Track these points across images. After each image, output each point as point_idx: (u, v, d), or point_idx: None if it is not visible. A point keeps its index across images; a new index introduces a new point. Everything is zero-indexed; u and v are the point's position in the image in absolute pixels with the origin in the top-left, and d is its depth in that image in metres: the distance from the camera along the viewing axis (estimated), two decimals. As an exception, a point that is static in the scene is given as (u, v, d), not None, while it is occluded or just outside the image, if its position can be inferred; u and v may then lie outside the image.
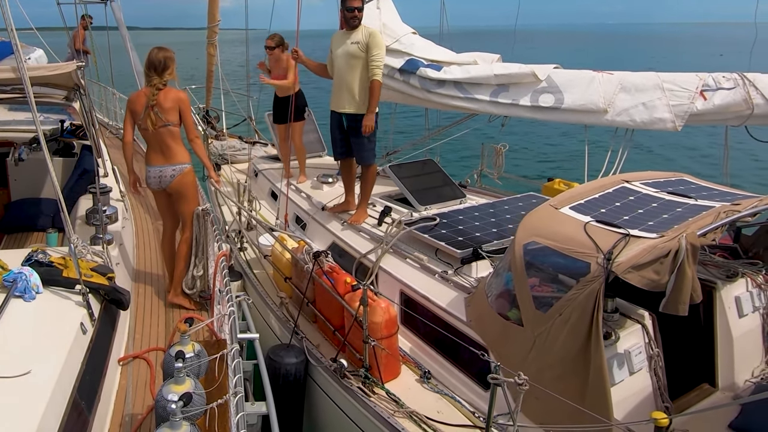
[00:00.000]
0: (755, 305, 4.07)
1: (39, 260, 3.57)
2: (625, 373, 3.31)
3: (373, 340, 3.53)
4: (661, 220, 3.37)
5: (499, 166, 6.80)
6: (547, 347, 3.15)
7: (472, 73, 5.57)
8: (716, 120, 5.09)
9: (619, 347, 3.31)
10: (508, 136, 6.85)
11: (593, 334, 2.97)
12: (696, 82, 5.01)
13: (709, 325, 3.95)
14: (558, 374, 3.07)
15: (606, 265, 2.98)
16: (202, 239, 4.51)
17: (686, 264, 2.97)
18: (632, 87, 5.15)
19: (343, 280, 3.98)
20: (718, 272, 4.11)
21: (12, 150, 5.84)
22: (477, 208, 5.18)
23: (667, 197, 3.76)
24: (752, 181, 11.94)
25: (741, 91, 4.96)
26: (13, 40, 3.24)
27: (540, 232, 3.40)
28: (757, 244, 4.36)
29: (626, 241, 3.09)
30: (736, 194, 3.90)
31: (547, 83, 5.35)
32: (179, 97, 4.39)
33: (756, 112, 4.93)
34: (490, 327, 3.55)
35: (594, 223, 3.35)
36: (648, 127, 5.07)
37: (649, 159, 14.81)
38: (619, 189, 3.89)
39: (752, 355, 4.06)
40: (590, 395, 2.95)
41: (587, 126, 5.35)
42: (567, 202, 3.66)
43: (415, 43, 6.02)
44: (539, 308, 3.24)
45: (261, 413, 3.00)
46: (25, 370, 2.67)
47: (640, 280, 2.98)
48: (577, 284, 3.05)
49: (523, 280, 3.32)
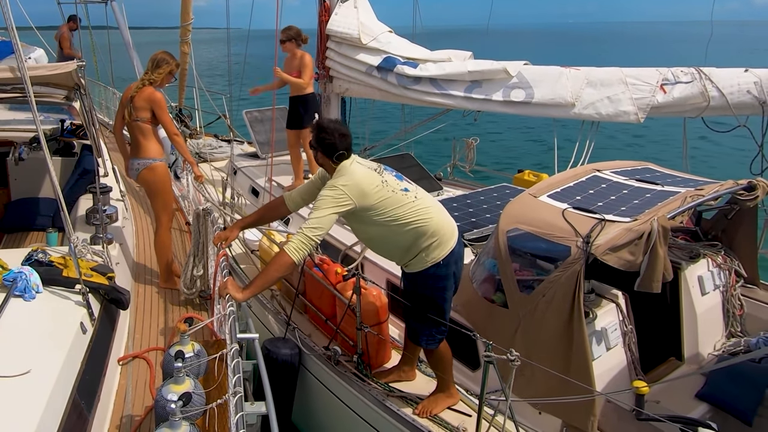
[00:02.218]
0: (716, 283, 4.27)
1: (39, 260, 3.49)
2: (602, 349, 3.45)
3: (367, 327, 3.61)
4: (633, 205, 3.52)
5: (471, 159, 6.94)
6: (533, 327, 3.26)
7: (447, 70, 5.66)
8: (675, 112, 5.29)
9: (596, 325, 3.44)
10: (481, 129, 6.99)
11: (575, 313, 3.09)
12: (656, 76, 5.20)
13: (675, 303, 4.12)
14: (543, 352, 3.17)
15: (585, 248, 3.10)
16: (202, 239, 4.42)
17: (658, 245, 3.12)
18: (598, 82, 5.30)
19: (334, 271, 4.02)
20: (681, 254, 4.30)
21: (12, 149, 5.72)
22: (454, 200, 5.29)
23: (636, 184, 3.92)
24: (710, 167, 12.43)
25: (698, 85, 5.16)
26: (14, 39, 3.17)
27: (521, 219, 3.51)
28: (716, 227, 4.56)
29: (602, 226, 3.22)
30: (697, 180, 4.09)
31: (518, 79, 5.48)
32: (152, 97, 4.43)
33: (712, 104, 5.13)
34: (476, 311, 3.64)
35: (571, 209, 3.48)
36: (613, 120, 5.24)
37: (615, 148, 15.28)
38: (592, 177, 4.03)
39: (714, 330, 4.27)
40: (574, 369, 3.06)
41: (556, 119, 5.53)
42: (545, 191, 3.79)
43: (391, 41, 6.07)
44: (523, 291, 3.35)
45: (260, 413, 2.92)
46: (25, 370, 2.62)
47: (617, 261, 3.12)
48: (559, 267, 3.17)
49: (507, 264, 3.42)
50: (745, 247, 4.43)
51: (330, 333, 3.98)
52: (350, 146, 3.14)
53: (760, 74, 5.10)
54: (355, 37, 5.99)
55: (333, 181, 3.05)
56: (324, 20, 6.27)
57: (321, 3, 6.33)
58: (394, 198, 3.04)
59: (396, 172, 3.25)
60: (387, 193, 3.03)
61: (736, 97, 5.07)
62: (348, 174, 3.05)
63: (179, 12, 7.83)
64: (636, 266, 3.14)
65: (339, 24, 6.09)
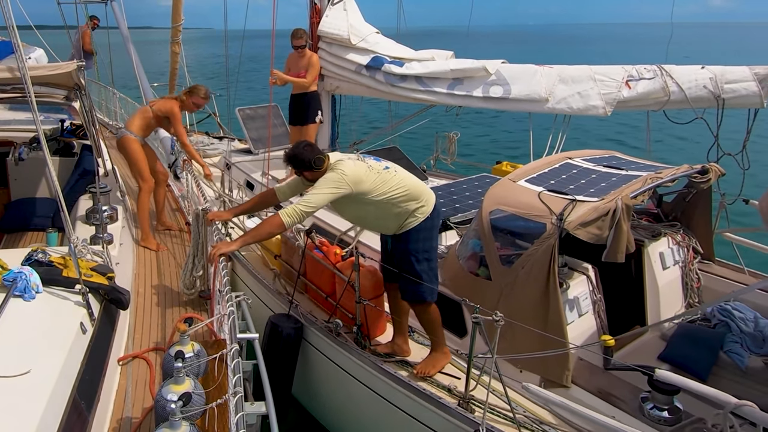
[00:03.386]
0: (675, 259, 4.70)
1: (39, 260, 3.45)
2: (575, 315, 3.84)
3: (365, 300, 3.95)
4: (600, 187, 3.91)
5: (452, 152, 7.32)
6: (513, 296, 3.63)
7: (431, 69, 6.01)
8: (640, 106, 5.71)
9: (569, 294, 3.81)
10: (461, 124, 7.35)
11: (551, 282, 3.46)
12: (622, 73, 5.61)
13: (639, 277, 4.54)
14: (523, 317, 3.54)
15: (559, 225, 3.48)
16: (202, 239, 4.42)
17: (622, 220, 3.51)
18: (569, 78, 5.70)
19: (333, 252, 4.37)
20: (645, 233, 4.71)
21: (12, 149, 5.72)
22: (439, 188, 5.64)
23: (603, 170, 4.32)
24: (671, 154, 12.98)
25: (659, 81, 5.58)
26: (14, 39, 3.15)
27: (502, 201, 3.88)
28: (676, 209, 4.99)
29: (573, 205, 3.61)
30: (657, 166, 4.50)
31: (497, 76, 5.85)
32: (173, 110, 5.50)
33: (672, 99, 5.56)
34: (463, 284, 4.00)
35: (546, 192, 3.86)
36: (583, 113, 5.64)
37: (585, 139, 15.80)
38: (564, 164, 4.42)
39: (674, 300, 4.69)
40: (550, 330, 3.44)
41: (531, 113, 5.92)
42: (522, 176, 4.17)
43: (379, 41, 6.40)
44: (505, 264, 3.72)
45: (260, 413, 2.88)
46: (25, 370, 2.59)
47: (586, 235, 3.50)
48: (536, 242, 3.55)
49: (490, 241, 3.79)
50: (701, 226, 4.86)
51: (330, 309, 4.30)
52: (320, 150, 3.55)
53: (715, 71, 5.54)
54: (345, 38, 6.31)
55: (332, 170, 3.38)
56: (315, 22, 6.58)
57: (312, 6, 6.63)
58: (381, 177, 3.42)
59: (373, 156, 3.62)
60: (375, 175, 3.41)
61: (693, 91, 5.51)
62: (342, 166, 3.38)
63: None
64: (603, 239, 3.52)
65: (330, 26, 6.40)
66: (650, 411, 3.16)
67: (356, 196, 3.38)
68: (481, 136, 17.33)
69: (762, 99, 5.45)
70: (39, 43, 9.48)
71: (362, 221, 3.82)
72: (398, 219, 3.49)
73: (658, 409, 3.16)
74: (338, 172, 3.34)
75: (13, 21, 3.10)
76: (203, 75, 26.06)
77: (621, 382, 3.43)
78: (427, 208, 3.49)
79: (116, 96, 10.93)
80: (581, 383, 3.45)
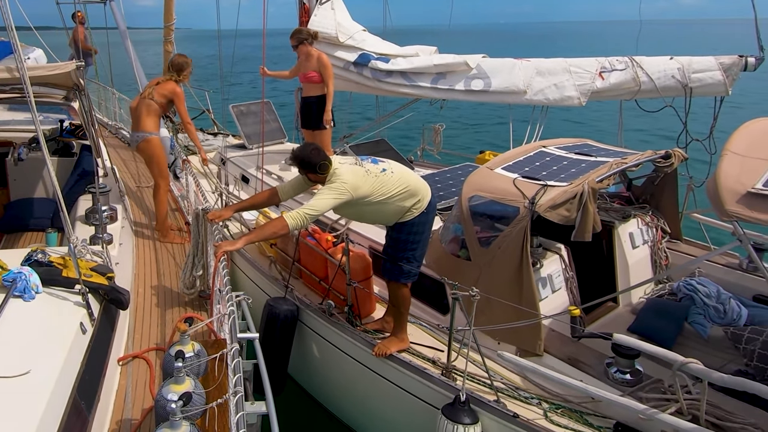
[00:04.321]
0: (644, 239, 4.99)
1: (38, 260, 3.43)
2: (548, 291, 4.13)
3: (355, 283, 4.23)
4: (570, 173, 4.19)
5: (438, 143, 7.60)
6: (491, 274, 3.91)
7: (415, 64, 6.27)
8: (612, 96, 6.00)
9: (542, 272, 4.11)
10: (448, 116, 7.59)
11: (524, 260, 3.75)
12: (596, 65, 5.90)
13: (610, 256, 4.85)
14: (500, 293, 3.82)
15: (531, 207, 3.77)
16: (202, 239, 4.41)
17: (588, 202, 3.79)
18: (546, 71, 5.98)
19: (325, 239, 4.65)
20: (616, 215, 5.00)
21: (11, 150, 5.66)
22: (424, 177, 5.92)
23: (574, 156, 4.60)
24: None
25: (631, 72, 5.90)
26: (13, 39, 3.14)
27: (480, 187, 4.16)
28: (645, 192, 5.28)
29: (545, 190, 3.89)
30: (625, 152, 4.78)
31: (477, 70, 6.13)
32: (176, 90, 5.41)
33: (642, 88, 5.86)
34: (445, 265, 4.28)
35: (520, 178, 4.14)
36: (559, 104, 5.93)
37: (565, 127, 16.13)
38: (538, 152, 4.70)
39: (644, 277, 4.96)
40: (524, 304, 3.74)
41: (511, 105, 6.20)
42: (499, 164, 4.45)
43: (366, 39, 6.65)
44: (483, 245, 4.00)
45: (261, 413, 2.87)
46: (25, 370, 2.59)
47: (556, 216, 3.79)
48: (511, 224, 3.85)
49: (469, 224, 4.07)
50: (669, 207, 5.17)
51: (323, 291, 4.58)
52: (326, 156, 3.62)
53: (683, 61, 5.84)
54: (333, 35, 6.56)
55: (333, 180, 3.54)
56: (304, 21, 6.81)
57: (301, 5, 6.86)
58: (379, 180, 3.59)
59: (371, 158, 3.82)
60: (373, 179, 3.59)
61: (662, 81, 5.82)
62: (342, 174, 3.56)
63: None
64: (572, 220, 3.81)
65: (318, 24, 6.63)
66: (614, 374, 3.47)
67: (356, 201, 3.56)
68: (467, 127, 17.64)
69: (727, 87, 5.75)
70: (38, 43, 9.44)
71: (362, 218, 4.03)
72: (396, 215, 3.70)
73: (621, 373, 3.46)
74: (339, 182, 3.51)
75: (12, 21, 3.09)
76: (195, 75, 26.19)
77: (588, 350, 3.73)
78: (423, 203, 3.73)
79: (115, 96, 10.97)
80: (553, 352, 3.75)
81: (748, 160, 3.12)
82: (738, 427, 2.96)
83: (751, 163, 3.09)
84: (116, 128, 10.48)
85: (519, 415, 3.26)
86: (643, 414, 3.01)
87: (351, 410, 4.57)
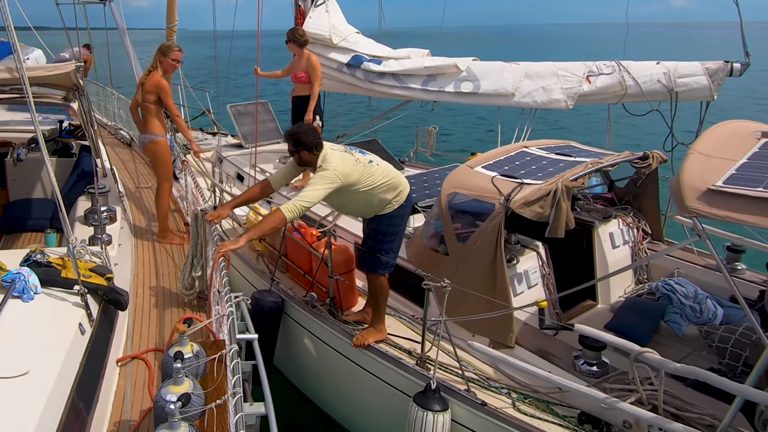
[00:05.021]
0: (625, 239, 5.09)
1: (37, 260, 3.44)
2: (524, 286, 4.24)
3: (337, 275, 4.35)
4: (547, 172, 4.31)
5: (431, 145, 7.72)
6: (467, 268, 4.02)
7: (406, 66, 6.41)
8: (599, 99, 6.10)
9: (519, 268, 4.22)
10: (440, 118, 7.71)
11: (498, 255, 3.86)
12: (583, 69, 6.01)
13: (590, 256, 4.97)
14: (475, 286, 3.92)
15: (506, 204, 3.89)
16: (201, 240, 4.43)
17: (562, 200, 3.91)
18: (534, 74, 6.10)
19: (310, 233, 4.77)
20: (597, 215, 5.11)
21: (11, 150, 5.67)
22: (412, 177, 6.04)
23: (553, 157, 4.71)
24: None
25: (617, 76, 6.01)
26: (12, 39, 3.16)
27: (459, 185, 4.28)
28: (628, 193, 5.37)
29: (521, 188, 4.02)
30: (606, 153, 4.90)
31: (467, 73, 6.25)
32: (159, 83, 5.32)
33: (629, 92, 5.96)
34: (425, 259, 4.39)
35: (499, 176, 4.26)
36: (546, 107, 6.04)
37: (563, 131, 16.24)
38: (519, 152, 4.81)
39: (624, 277, 5.08)
40: (497, 297, 3.87)
41: (500, 107, 6.32)
42: (479, 163, 4.57)
43: (359, 41, 6.81)
44: (460, 241, 4.12)
45: (259, 414, 2.86)
46: (24, 371, 2.59)
47: (530, 213, 3.90)
48: (486, 220, 3.96)
49: (448, 220, 4.19)
50: (650, 209, 5.27)
51: (307, 284, 4.71)
52: (320, 136, 3.75)
53: (669, 66, 5.94)
54: (327, 37, 6.72)
55: (323, 167, 3.61)
56: (299, 23, 6.97)
57: (296, 7, 7.02)
58: (367, 170, 3.71)
59: (359, 149, 3.95)
60: (361, 168, 3.69)
61: (648, 85, 5.92)
62: (333, 161, 3.63)
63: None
64: (545, 217, 3.92)
65: (313, 26, 6.79)
66: (581, 366, 3.57)
67: (345, 188, 3.64)
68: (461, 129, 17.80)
69: (712, 92, 5.85)
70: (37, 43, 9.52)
71: (344, 209, 4.14)
72: (378, 207, 3.81)
73: (588, 365, 3.56)
74: (330, 169, 3.58)
75: (11, 22, 3.10)
76: (194, 75, 26.46)
77: (558, 342, 3.84)
78: (402, 196, 3.87)
79: (115, 96, 11.08)
80: (524, 344, 3.85)
81: (713, 159, 3.22)
82: (696, 417, 3.05)
83: (714, 163, 3.19)
84: (115, 129, 10.55)
85: (487, 403, 3.37)
86: (604, 403, 3.10)
87: (332, 400, 4.69)
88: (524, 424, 3.24)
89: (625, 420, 3.12)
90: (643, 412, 2.96)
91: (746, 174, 3.06)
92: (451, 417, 3.45)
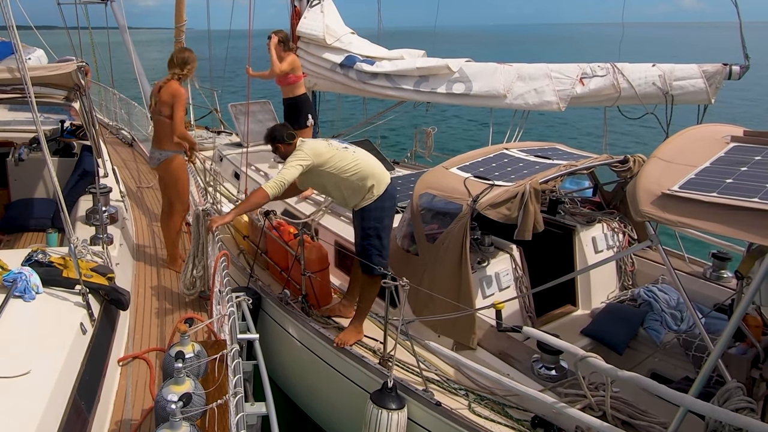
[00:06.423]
0: (609, 244, 5.03)
1: (39, 260, 3.46)
2: (495, 288, 4.24)
3: (309, 273, 4.43)
4: (521, 174, 4.30)
5: (429, 146, 7.75)
6: (435, 269, 4.04)
7: (399, 67, 6.45)
8: (593, 102, 6.06)
9: (489, 270, 4.23)
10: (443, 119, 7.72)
11: (463, 255, 3.88)
12: (576, 70, 5.96)
13: (571, 260, 4.93)
14: (442, 286, 3.94)
15: (473, 205, 3.91)
16: (202, 240, 4.45)
17: (530, 202, 3.91)
18: (527, 76, 6.07)
19: (288, 231, 4.87)
20: (581, 219, 5.08)
21: (12, 150, 5.71)
22: (401, 177, 6.09)
23: (532, 159, 4.70)
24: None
25: (611, 78, 5.95)
26: (14, 39, 3.17)
27: (431, 185, 4.31)
28: (615, 198, 5.32)
29: (491, 189, 4.03)
30: (589, 156, 4.86)
31: (459, 74, 6.26)
32: (177, 92, 4.78)
33: (623, 95, 5.89)
34: (397, 259, 4.40)
35: (472, 178, 4.28)
36: (538, 109, 6.02)
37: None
38: (498, 154, 4.82)
39: (608, 282, 5.02)
40: (462, 295, 3.89)
41: (492, 109, 6.31)
42: (456, 164, 4.59)
43: (353, 41, 6.88)
44: (429, 241, 4.15)
45: (261, 414, 2.87)
46: (25, 371, 2.60)
47: (496, 215, 3.91)
48: (454, 220, 3.98)
49: (418, 221, 4.22)
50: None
51: (284, 281, 4.79)
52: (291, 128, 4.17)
53: (664, 68, 5.86)
54: (321, 38, 6.81)
55: (297, 149, 3.97)
56: (295, 23, 7.08)
57: (292, 8, 7.13)
58: (339, 154, 3.94)
59: (341, 141, 4.17)
60: (333, 151, 3.95)
61: (643, 88, 5.85)
62: (306, 143, 4.01)
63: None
64: (513, 219, 3.93)
65: (307, 26, 6.90)
66: (539, 370, 3.57)
67: (317, 167, 3.91)
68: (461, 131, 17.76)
69: (709, 95, 5.75)
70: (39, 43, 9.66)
71: (324, 189, 4.21)
72: (357, 194, 3.94)
73: (547, 369, 3.56)
74: (301, 150, 3.94)
75: (13, 21, 3.11)
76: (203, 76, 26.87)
77: (520, 345, 3.84)
78: (379, 187, 3.96)
79: (116, 96, 11.21)
80: (486, 346, 3.87)
81: (672, 165, 3.20)
82: (645, 425, 3.02)
83: (673, 168, 3.16)
84: (117, 129, 10.71)
85: (442, 403, 3.39)
86: (554, 408, 3.10)
87: (305, 397, 4.77)
88: (477, 425, 3.26)
89: (578, 425, 3.11)
90: (588, 418, 2.95)
91: (704, 179, 3.02)
92: (408, 416, 3.49)
